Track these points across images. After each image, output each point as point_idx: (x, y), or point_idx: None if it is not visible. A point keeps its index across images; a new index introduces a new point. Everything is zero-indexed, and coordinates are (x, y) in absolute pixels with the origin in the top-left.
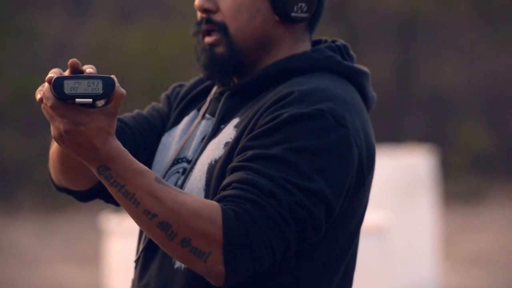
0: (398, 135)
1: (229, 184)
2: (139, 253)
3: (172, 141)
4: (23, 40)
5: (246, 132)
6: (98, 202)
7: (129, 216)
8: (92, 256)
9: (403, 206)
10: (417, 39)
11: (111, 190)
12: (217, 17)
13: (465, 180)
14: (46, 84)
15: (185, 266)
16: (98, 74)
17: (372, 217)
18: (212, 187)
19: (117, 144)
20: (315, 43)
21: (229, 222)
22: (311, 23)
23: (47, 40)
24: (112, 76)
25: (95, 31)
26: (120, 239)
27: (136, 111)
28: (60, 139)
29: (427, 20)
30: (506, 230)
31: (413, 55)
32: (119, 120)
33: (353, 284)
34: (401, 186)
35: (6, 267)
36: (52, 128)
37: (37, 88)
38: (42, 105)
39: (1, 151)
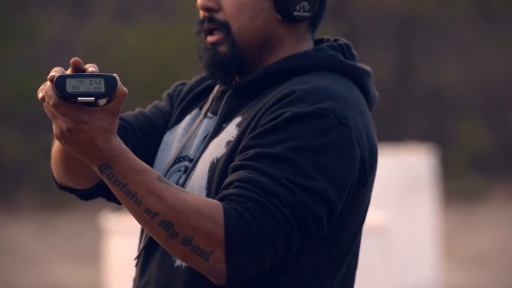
0: (398, 134)
1: (231, 183)
2: (139, 251)
3: (174, 140)
4: (23, 39)
5: (248, 131)
6: (98, 201)
7: (129, 215)
8: (92, 255)
9: (403, 205)
10: (417, 38)
11: (113, 188)
12: (219, 16)
13: (465, 179)
14: (48, 83)
15: (186, 265)
16: (100, 72)
17: (372, 216)
18: (214, 186)
19: (119, 143)
20: (317, 42)
21: (230, 221)
22: (313, 22)
23: (47, 39)
24: (114, 74)
25: (95, 30)
26: (120, 238)
27: (138, 109)
28: (62, 137)
29: (427, 19)
30: (506, 229)
31: (413, 55)
32: (121, 119)
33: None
34: (401, 185)
35: (5, 266)
36: (54, 126)
37: (37, 87)
38: (44, 104)
39: (1, 150)
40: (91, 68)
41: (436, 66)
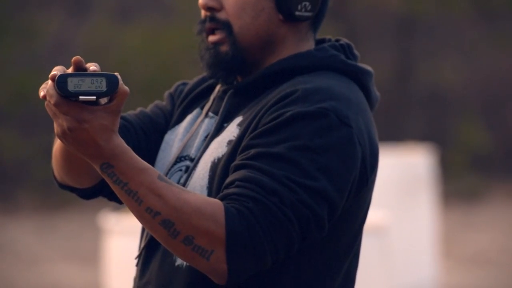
0: (397, 134)
1: (232, 182)
2: (140, 250)
3: (175, 139)
4: (23, 39)
5: (249, 131)
6: (97, 201)
7: (128, 214)
8: (91, 255)
9: (402, 205)
10: (417, 38)
11: (114, 187)
12: (221, 16)
13: (464, 179)
14: (49, 82)
15: (186, 264)
16: (101, 71)
17: (372, 216)
18: (215, 185)
19: (120, 142)
20: (319, 42)
21: (231, 220)
22: (315, 22)
23: (46, 39)
24: (116, 73)
25: (94, 30)
26: (120, 237)
27: (139, 109)
28: (63, 136)
29: (427, 19)
30: (505, 229)
31: (413, 54)
32: (122, 118)
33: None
34: (401, 185)
35: (5, 266)
36: (55, 125)
37: (36, 87)
38: (46, 103)
39: (1, 150)
40: (92, 67)
41: (436, 66)
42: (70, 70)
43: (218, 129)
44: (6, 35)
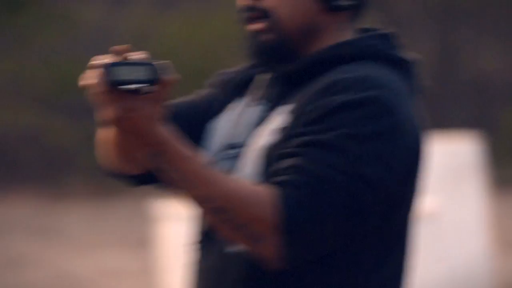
0: (443, 122)
1: (281, 170)
2: (195, 237)
3: (221, 127)
4: (66, 27)
5: (296, 119)
6: (147, 188)
7: (178, 201)
8: (142, 241)
9: (450, 192)
10: (460, 25)
11: (161, 175)
12: (262, 4)
13: None
14: (93, 70)
15: (242, 251)
16: (148, 60)
17: (420, 203)
18: (263, 173)
19: (166, 130)
20: (361, 31)
21: (284, 207)
22: (356, 11)
23: (88, 27)
24: (163, 61)
25: (136, 18)
26: (170, 224)
27: (183, 97)
28: (109, 126)
29: (470, 5)
30: None
31: (457, 41)
32: (167, 106)
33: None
34: (448, 172)
35: (56, 252)
36: (100, 114)
37: (80, 74)
38: (91, 91)
39: (53, 137)
40: (138, 55)
41: (480, 53)
42: (116, 59)
43: (264, 117)
44: (50, 24)
